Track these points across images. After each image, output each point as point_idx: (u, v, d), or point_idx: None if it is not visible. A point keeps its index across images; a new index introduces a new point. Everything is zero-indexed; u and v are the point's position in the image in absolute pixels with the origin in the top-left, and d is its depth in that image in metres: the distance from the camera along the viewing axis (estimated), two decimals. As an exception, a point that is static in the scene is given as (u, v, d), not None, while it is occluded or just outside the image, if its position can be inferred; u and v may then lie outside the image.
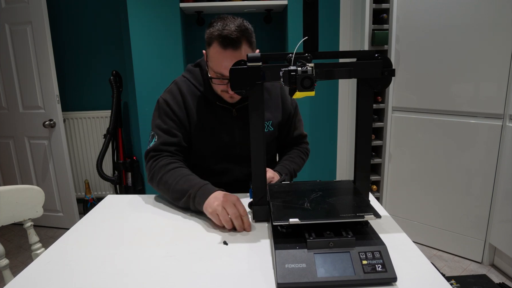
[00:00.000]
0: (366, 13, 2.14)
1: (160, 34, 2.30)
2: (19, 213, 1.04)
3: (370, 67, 0.81)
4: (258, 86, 0.81)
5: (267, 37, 2.61)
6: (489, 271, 1.95)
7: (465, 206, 2.04)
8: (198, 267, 0.72)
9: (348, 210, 0.75)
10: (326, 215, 0.73)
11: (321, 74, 0.77)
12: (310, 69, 0.71)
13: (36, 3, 2.22)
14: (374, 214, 0.70)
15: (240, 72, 0.80)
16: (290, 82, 0.71)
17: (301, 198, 0.83)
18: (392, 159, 2.33)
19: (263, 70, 0.79)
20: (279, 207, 0.78)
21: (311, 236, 0.69)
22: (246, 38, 1.00)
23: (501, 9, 1.76)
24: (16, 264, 2.15)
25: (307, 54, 0.77)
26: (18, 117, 2.48)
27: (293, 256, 0.67)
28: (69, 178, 2.49)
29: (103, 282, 0.68)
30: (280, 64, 0.77)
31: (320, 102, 2.46)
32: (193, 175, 1.03)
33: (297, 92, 0.72)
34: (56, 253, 0.80)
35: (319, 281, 0.63)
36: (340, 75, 0.80)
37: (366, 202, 0.79)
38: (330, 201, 0.81)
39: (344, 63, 0.79)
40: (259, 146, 0.85)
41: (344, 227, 0.72)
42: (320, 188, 0.90)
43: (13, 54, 2.37)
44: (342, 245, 0.68)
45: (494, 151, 1.89)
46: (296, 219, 0.70)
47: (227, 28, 0.97)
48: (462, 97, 1.96)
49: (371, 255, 0.66)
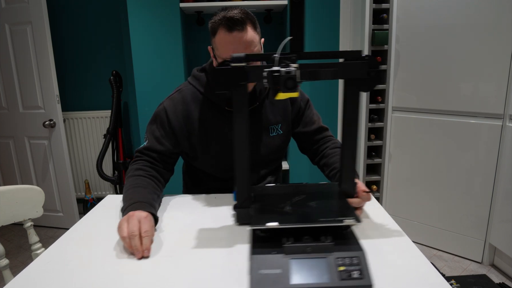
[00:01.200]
0: (366, 13, 2.14)
1: (160, 34, 2.30)
2: (19, 213, 1.04)
3: (356, 67, 0.78)
4: (242, 87, 0.79)
5: (267, 37, 2.60)
6: (489, 271, 1.95)
7: (465, 206, 2.04)
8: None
9: (330, 214, 0.73)
10: (305, 219, 0.71)
11: (306, 75, 0.75)
12: (294, 70, 0.69)
13: (36, 3, 2.22)
14: (355, 219, 0.69)
15: (223, 72, 0.77)
16: (273, 83, 0.70)
17: (283, 201, 0.81)
18: (392, 159, 2.33)
19: (247, 71, 0.77)
20: (260, 210, 0.77)
21: (289, 241, 0.67)
22: (251, 21, 0.99)
23: (501, 9, 1.76)
24: (16, 264, 2.15)
25: (293, 54, 0.76)
26: (18, 117, 2.48)
27: (269, 261, 0.65)
28: (69, 178, 2.49)
29: (103, 282, 0.68)
30: (265, 65, 0.74)
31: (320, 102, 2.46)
32: (143, 188, 0.98)
33: (280, 93, 0.70)
34: (56, 253, 0.80)
35: (292, 287, 0.62)
36: (325, 76, 0.78)
37: (348, 206, 0.78)
38: (312, 204, 0.79)
39: (329, 63, 0.78)
40: (243, 148, 0.82)
41: (325, 232, 0.70)
42: (304, 191, 0.88)
43: (13, 54, 2.37)
44: (320, 251, 0.66)
45: (494, 151, 1.89)
46: (274, 223, 0.68)
47: (230, 12, 0.97)
48: (462, 97, 1.96)
49: (349, 261, 0.65)
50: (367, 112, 2.29)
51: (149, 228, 0.80)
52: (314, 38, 2.35)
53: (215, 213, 0.99)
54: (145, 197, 0.93)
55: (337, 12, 2.34)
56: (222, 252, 0.77)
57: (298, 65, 0.72)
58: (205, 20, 2.55)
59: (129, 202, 0.90)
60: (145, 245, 0.76)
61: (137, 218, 0.81)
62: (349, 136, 0.84)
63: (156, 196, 0.99)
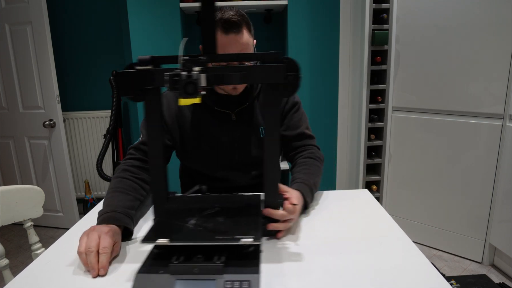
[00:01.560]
0: (366, 13, 2.14)
1: (160, 34, 2.30)
2: (19, 213, 1.04)
3: (271, 71, 0.71)
4: (154, 92, 0.73)
5: (267, 37, 2.61)
6: (489, 271, 1.95)
7: (465, 206, 2.04)
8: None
9: (233, 231, 0.67)
10: (203, 236, 0.65)
11: (212, 79, 0.69)
12: (196, 74, 0.64)
13: (36, 3, 2.22)
14: (254, 238, 0.63)
15: (126, 76, 0.71)
16: (174, 87, 0.64)
17: (192, 214, 0.75)
18: (392, 159, 2.33)
19: (152, 74, 0.71)
20: (161, 224, 0.71)
21: (177, 260, 0.62)
22: (246, 24, 0.99)
23: (501, 9, 1.76)
24: (16, 264, 2.15)
25: (203, 56, 0.69)
26: (18, 117, 2.48)
27: (153, 281, 0.60)
28: (69, 178, 2.49)
29: (103, 282, 0.68)
30: (172, 68, 0.68)
31: (320, 101, 2.46)
32: (125, 194, 0.92)
33: (181, 99, 0.65)
34: (56, 253, 0.80)
35: None
36: (235, 80, 0.72)
37: (258, 222, 0.72)
38: (221, 219, 0.73)
39: (240, 66, 0.73)
40: (158, 154, 0.77)
41: (222, 251, 0.65)
42: (223, 202, 0.83)
43: (13, 54, 2.37)
44: (208, 272, 0.60)
45: (494, 151, 1.89)
46: (165, 240, 0.62)
47: (226, 13, 0.96)
48: (462, 97, 1.96)
49: (238, 285, 0.59)
50: (367, 112, 2.29)
51: (107, 245, 0.72)
52: (314, 38, 2.35)
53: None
54: (123, 205, 0.87)
55: (337, 12, 2.34)
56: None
57: (200, 68, 0.66)
58: (205, 20, 2.55)
59: (104, 210, 0.85)
60: (101, 263, 0.70)
61: (98, 232, 0.75)
62: (271, 146, 0.78)
63: (138, 203, 0.94)
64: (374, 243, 0.81)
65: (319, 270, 0.71)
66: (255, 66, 0.74)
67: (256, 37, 1.07)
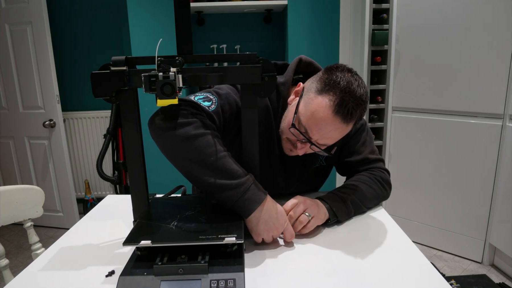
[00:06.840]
0: (366, 13, 2.14)
1: (160, 34, 2.30)
2: (19, 213, 1.04)
3: (247, 72, 0.72)
4: (129, 94, 0.73)
5: (267, 37, 2.61)
6: (489, 271, 1.95)
7: (465, 206, 2.04)
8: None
9: (216, 231, 0.67)
10: (186, 237, 0.65)
11: (188, 80, 0.70)
12: (173, 74, 0.64)
13: (36, 3, 2.22)
14: (237, 237, 0.64)
15: (102, 77, 0.71)
16: (150, 88, 0.64)
17: (174, 215, 0.75)
18: (392, 159, 2.33)
19: (128, 75, 0.71)
20: (143, 226, 0.71)
21: (161, 261, 0.62)
22: (360, 117, 0.84)
23: (501, 9, 1.76)
24: (16, 264, 2.15)
25: (178, 57, 0.69)
26: (18, 117, 2.48)
27: (137, 283, 0.60)
28: (69, 178, 2.49)
29: (103, 282, 0.68)
30: (148, 69, 0.67)
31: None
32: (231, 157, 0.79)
33: (158, 100, 0.65)
34: (56, 253, 0.80)
35: None
36: (211, 81, 0.72)
37: (239, 221, 0.72)
38: (203, 219, 0.73)
39: (217, 67, 0.72)
40: (136, 157, 0.77)
41: (205, 251, 0.65)
42: (204, 203, 0.82)
43: (13, 54, 2.37)
44: (194, 272, 0.61)
45: (494, 151, 1.89)
46: (147, 242, 0.62)
47: (353, 97, 0.79)
48: (462, 97, 1.96)
49: (224, 284, 0.60)
50: (367, 112, 2.29)
51: (284, 220, 0.79)
52: (314, 38, 2.35)
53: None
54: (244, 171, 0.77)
55: (337, 12, 2.34)
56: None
57: (176, 69, 0.66)
58: (205, 20, 2.55)
59: (245, 186, 0.74)
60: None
61: (281, 223, 0.78)
62: (249, 147, 0.79)
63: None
64: (374, 243, 0.81)
65: (319, 270, 0.71)
66: (231, 67, 0.73)
67: (256, 37, 1.06)
